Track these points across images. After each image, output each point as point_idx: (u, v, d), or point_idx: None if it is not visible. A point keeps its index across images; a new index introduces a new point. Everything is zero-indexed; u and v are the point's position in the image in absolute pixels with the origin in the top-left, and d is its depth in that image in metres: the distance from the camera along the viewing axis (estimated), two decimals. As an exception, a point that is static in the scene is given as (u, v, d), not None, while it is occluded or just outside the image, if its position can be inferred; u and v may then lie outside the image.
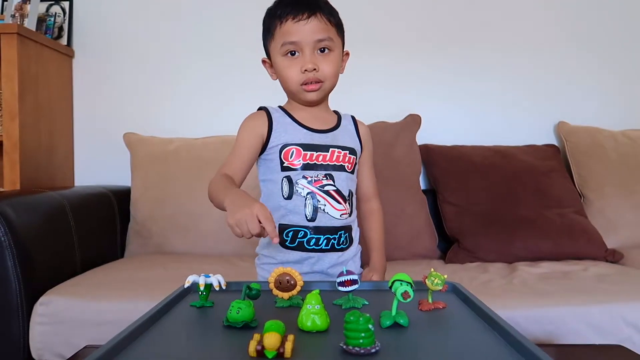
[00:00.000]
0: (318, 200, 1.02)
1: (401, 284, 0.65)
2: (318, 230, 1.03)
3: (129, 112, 2.14)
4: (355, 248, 1.12)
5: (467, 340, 0.62)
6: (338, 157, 1.06)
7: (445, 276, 0.75)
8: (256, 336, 0.56)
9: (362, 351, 0.55)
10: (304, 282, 0.75)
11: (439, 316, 0.71)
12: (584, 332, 1.27)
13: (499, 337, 0.61)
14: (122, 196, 1.94)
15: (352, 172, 1.10)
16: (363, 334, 0.55)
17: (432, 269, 0.78)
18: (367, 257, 1.18)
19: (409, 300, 0.64)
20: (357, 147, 1.13)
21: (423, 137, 2.03)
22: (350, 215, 1.07)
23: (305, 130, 1.06)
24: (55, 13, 2.07)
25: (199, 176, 1.91)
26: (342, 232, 1.06)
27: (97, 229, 1.77)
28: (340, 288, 0.74)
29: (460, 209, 1.84)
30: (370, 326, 0.55)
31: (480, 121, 2.16)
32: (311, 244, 1.03)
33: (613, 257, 1.73)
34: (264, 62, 1.13)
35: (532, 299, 1.33)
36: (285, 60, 1.03)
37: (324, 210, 1.02)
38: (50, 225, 1.50)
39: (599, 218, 1.89)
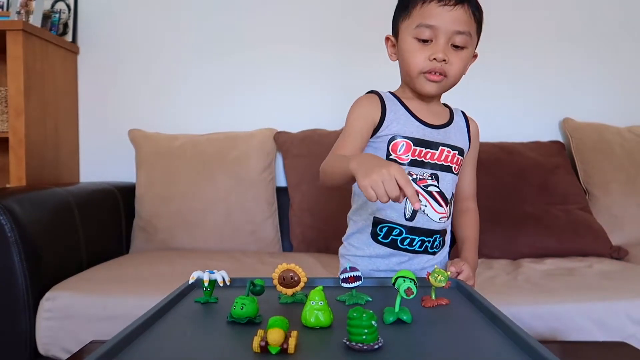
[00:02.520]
0: (420, 200, 0.98)
1: (404, 280, 0.65)
2: (414, 231, 0.98)
3: (134, 108, 2.15)
4: (445, 250, 1.07)
5: (470, 336, 0.62)
6: (447, 157, 1.00)
7: (449, 273, 0.75)
8: (260, 332, 0.57)
9: (365, 347, 0.55)
10: (307, 278, 0.75)
11: (442, 312, 0.71)
12: (588, 329, 1.27)
13: (502, 333, 0.61)
14: (127, 192, 1.95)
15: (457, 174, 1.04)
16: (366, 330, 0.55)
17: (436, 266, 0.78)
18: (455, 254, 1.11)
19: (412, 296, 0.64)
20: (466, 147, 1.07)
21: (427, 133, 2.03)
22: (448, 218, 1.02)
23: (418, 123, 1.00)
24: (61, 10, 2.07)
25: (204, 172, 1.92)
26: (438, 235, 1.01)
27: (103, 225, 1.78)
28: (344, 284, 0.75)
29: (465, 205, 1.84)
30: (373, 322, 0.55)
31: (486, 118, 2.12)
32: (405, 243, 0.99)
33: (618, 253, 1.72)
34: (387, 39, 1.04)
35: (536, 295, 1.33)
36: (414, 43, 0.95)
37: (424, 211, 0.97)
38: (56, 221, 1.51)
39: (604, 215, 1.88)
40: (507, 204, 1.81)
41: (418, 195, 0.96)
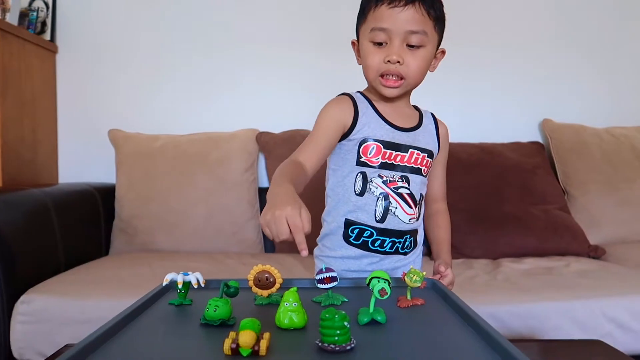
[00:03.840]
0: (390, 202, 0.98)
1: (378, 281, 0.65)
2: (385, 232, 0.99)
3: (114, 108, 2.12)
4: (418, 250, 1.08)
5: (443, 336, 0.62)
6: (416, 159, 1.01)
7: (424, 273, 0.75)
8: (232, 334, 0.56)
9: (337, 348, 0.55)
10: (283, 279, 0.75)
11: (416, 312, 0.71)
12: (566, 328, 1.28)
13: (476, 333, 0.62)
14: (106, 193, 1.92)
15: (426, 176, 1.06)
16: (338, 332, 0.55)
17: (412, 266, 0.78)
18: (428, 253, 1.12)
19: (385, 297, 0.64)
20: (435, 149, 1.08)
21: (409, 134, 2.04)
22: (417, 219, 1.03)
23: (388, 127, 1.00)
24: (38, 8, 2.03)
25: (185, 173, 1.90)
26: (408, 236, 1.02)
27: (81, 227, 1.75)
28: (320, 285, 0.75)
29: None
30: (345, 323, 0.55)
31: (466, 118, 2.17)
32: (376, 245, 1.00)
33: (596, 253, 1.75)
34: (353, 44, 1.05)
35: (515, 294, 1.34)
36: (370, 47, 0.96)
37: (394, 213, 0.98)
38: (33, 222, 1.48)
39: (583, 214, 1.91)
40: (488, 204, 1.82)
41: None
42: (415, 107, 1.11)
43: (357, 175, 0.99)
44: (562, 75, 2.20)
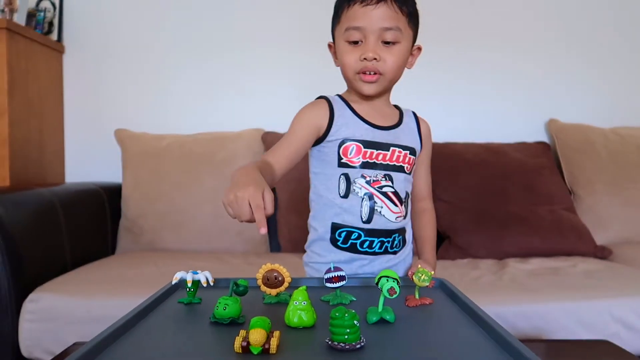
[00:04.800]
0: (375, 202, 0.97)
1: (387, 280, 0.65)
2: (372, 232, 0.98)
3: (120, 108, 2.13)
4: (408, 248, 1.07)
5: (452, 335, 0.63)
6: (398, 157, 1.01)
7: (432, 272, 0.75)
8: (242, 332, 0.57)
9: (347, 347, 0.55)
10: (291, 278, 0.75)
11: (425, 312, 0.71)
12: (572, 328, 1.28)
13: (484, 332, 0.62)
14: (113, 193, 1.93)
15: (410, 173, 1.05)
16: (348, 330, 0.55)
17: (420, 266, 0.78)
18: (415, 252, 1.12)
19: (394, 296, 0.64)
20: (417, 147, 1.07)
21: (415, 134, 2.04)
22: (405, 217, 1.02)
23: (366, 126, 1.00)
24: (45, 8, 2.05)
25: (191, 173, 1.91)
26: (397, 234, 1.01)
27: (88, 226, 1.76)
28: (328, 284, 0.75)
29: (452, 205, 1.85)
30: (355, 322, 0.55)
31: (472, 118, 2.17)
32: (364, 246, 0.99)
33: (602, 253, 1.75)
34: (329, 46, 1.07)
35: (521, 295, 1.34)
36: (346, 46, 0.97)
37: (380, 212, 0.97)
38: (40, 221, 1.49)
39: (589, 215, 1.90)
40: (493, 204, 1.82)
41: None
42: (396, 107, 1.11)
43: (340, 177, 0.98)
44: (567, 75, 2.20)
